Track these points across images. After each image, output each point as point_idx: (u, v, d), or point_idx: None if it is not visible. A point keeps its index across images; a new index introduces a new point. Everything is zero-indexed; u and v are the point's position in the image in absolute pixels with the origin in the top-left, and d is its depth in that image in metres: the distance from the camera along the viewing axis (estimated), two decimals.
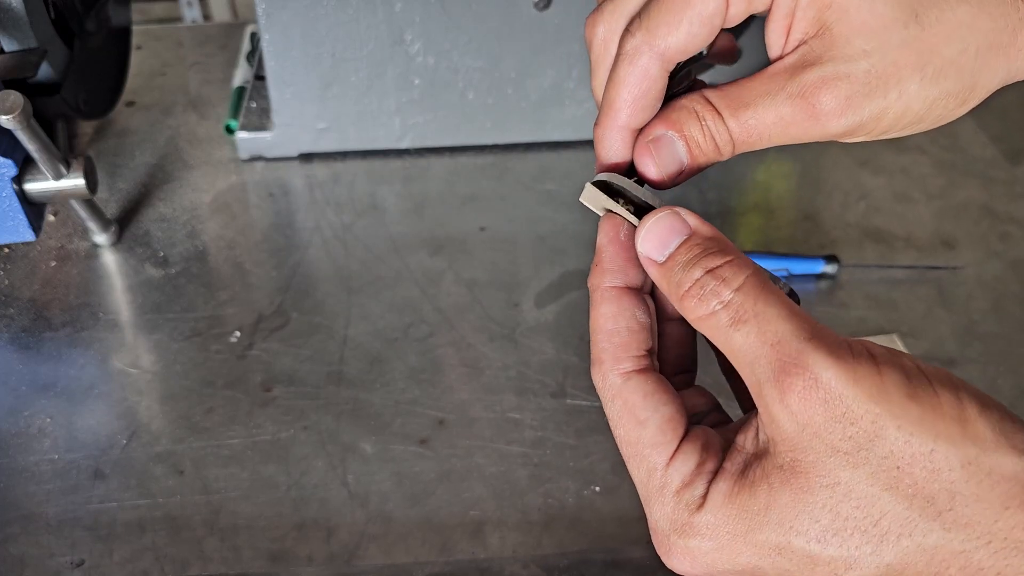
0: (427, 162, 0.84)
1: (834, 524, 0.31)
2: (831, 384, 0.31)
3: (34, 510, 0.56)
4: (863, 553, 0.31)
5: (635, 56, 0.36)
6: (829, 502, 0.31)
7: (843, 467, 0.31)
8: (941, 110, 0.35)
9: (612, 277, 0.36)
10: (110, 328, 0.68)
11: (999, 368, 0.64)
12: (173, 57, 0.98)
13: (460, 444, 0.60)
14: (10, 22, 0.65)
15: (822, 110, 0.34)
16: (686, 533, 0.34)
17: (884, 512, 0.31)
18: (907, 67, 0.34)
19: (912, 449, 0.30)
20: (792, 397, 0.31)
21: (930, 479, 0.30)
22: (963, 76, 0.35)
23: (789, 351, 0.31)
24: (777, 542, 0.32)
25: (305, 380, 0.64)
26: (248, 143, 0.83)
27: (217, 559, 0.54)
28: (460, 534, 0.55)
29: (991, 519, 0.30)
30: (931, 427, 0.30)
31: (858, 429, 0.31)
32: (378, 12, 0.76)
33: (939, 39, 0.34)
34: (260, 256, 0.74)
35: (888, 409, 0.30)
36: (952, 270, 0.72)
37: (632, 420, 0.35)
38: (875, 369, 0.31)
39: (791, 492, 0.32)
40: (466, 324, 0.68)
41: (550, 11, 0.77)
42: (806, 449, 0.31)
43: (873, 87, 0.34)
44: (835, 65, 0.34)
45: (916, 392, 0.30)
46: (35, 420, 0.62)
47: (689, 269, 0.34)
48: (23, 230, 0.66)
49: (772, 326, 0.32)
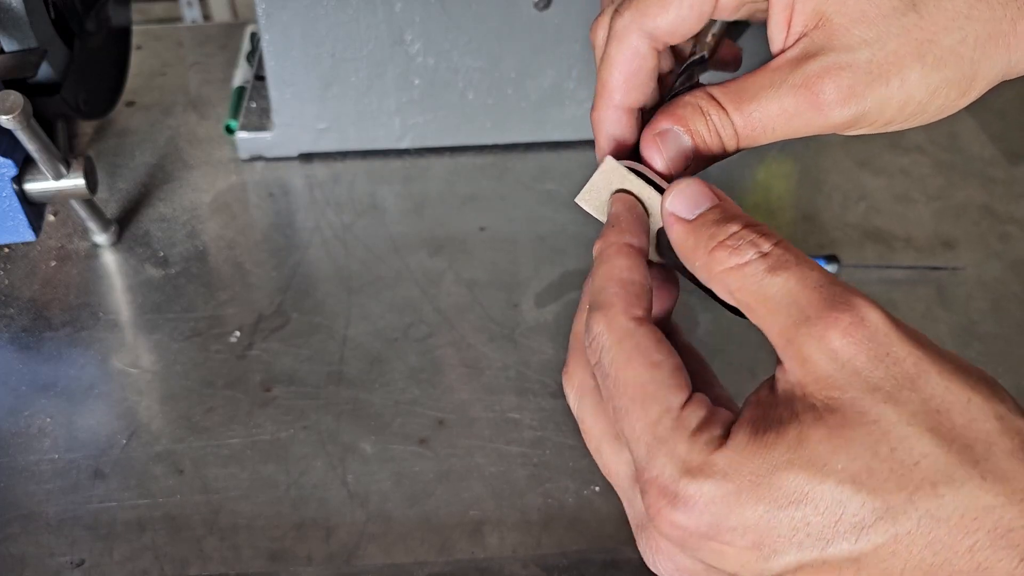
0: (427, 162, 0.84)
1: (871, 463, 0.29)
2: (876, 323, 0.30)
3: (34, 509, 0.56)
4: (897, 501, 0.29)
5: (624, 35, 0.37)
6: (868, 439, 0.30)
7: (884, 404, 0.30)
8: (943, 100, 0.36)
9: (630, 237, 0.36)
10: (110, 328, 0.68)
11: (999, 368, 0.64)
12: (173, 57, 0.98)
13: (460, 444, 0.60)
14: (10, 22, 0.65)
15: (825, 100, 0.34)
16: (701, 474, 0.31)
17: (924, 454, 0.29)
18: (908, 56, 0.34)
19: (951, 396, 0.30)
20: (835, 333, 0.30)
21: (968, 426, 0.30)
22: (963, 65, 0.35)
23: (834, 292, 0.31)
24: (805, 486, 0.30)
25: (305, 380, 0.64)
26: (248, 143, 0.83)
27: (217, 558, 0.54)
28: (459, 534, 0.55)
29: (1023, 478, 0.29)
30: (966, 380, 0.30)
31: (901, 369, 0.30)
32: (378, 12, 0.76)
33: (938, 28, 0.34)
34: (260, 256, 0.74)
35: (928, 355, 0.30)
36: (952, 270, 0.72)
37: (645, 361, 0.33)
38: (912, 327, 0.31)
39: (827, 429, 0.30)
40: (466, 324, 0.68)
41: (550, 11, 0.77)
42: (844, 387, 0.30)
43: (875, 76, 0.34)
44: (836, 55, 0.34)
45: (947, 353, 0.31)
46: (35, 420, 0.62)
47: (724, 224, 0.33)
48: (23, 230, 0.67)
49: (812, 274, 0.31)
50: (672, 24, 0.37)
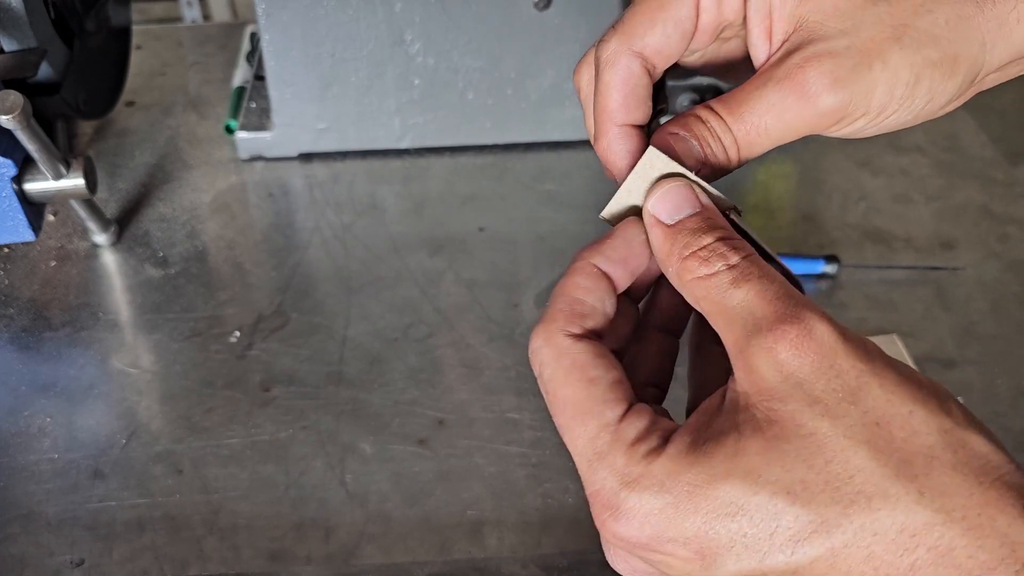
0: (427, 162, 0.84)
1: (805, 476, 0.30)
2: (823, 337, 0.31)
3: (34, 509, 0.56)
4: (831, 515, 0.29)
5: (616, 59, 0.38)
6: (803, 452, 0.30)
7: (822, 418, 0.30)
8: (928, 81, 0.36)
9: (603, 261, 0.36)
10: (110, 328, 0.68)
11: (998, 369, 0.64)
12: (173, 57, 0.98)
13: (459, 444, 0.60)
14: (10, 22, 0.65)
15: (811, 88, 0.35)
16: (639, 485, 0.31)
17: (859, 468, 0.29)
18: (885, 39, 0.35)
19: (893, 408, 0.30)
20: (783, 345, 0.31)
21: (908, 440, 0.30)
22: (941, 44, 0.35)
23: (787, 306, 0.31)
24: (740, 497, 0.30)
25: (304, 380, 0.64)
26: (248, 143, 0.83)
27: (216, 558, 0.54)
28: (459, 534, 0.55)
29: (966, 492, 0.29)
30: (911, 393, 0.30)
31: (842, 382, 0.30)
32: (378, 12, 0.76)
33: (908, 13, 0.35)
34: (260, 256, 0.74)
35: (872, 368, 0.30)
36: (951, 271, 0.72)
37: (582, 378, 0.33)
38: (861, 339, 0.31)
39: (763, 440, 0.30)
40: (466, 324, 0.68)
41: (550, 11, 0.77)
42: (785, 398, 0.31)
43: (856, 60, 0.35)
44: (816, 46, 0.35)
45: (897, 366, 0.31)
46: (35, 420, 0.62)
47: (699, 235, 0.34)
48: (23, 230, 0.67)
49: (773, 287, 0.32)
50: (659, 43, 0.38)
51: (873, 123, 0.37)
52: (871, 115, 0.36)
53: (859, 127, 0.37)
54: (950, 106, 0.38)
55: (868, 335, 0.69)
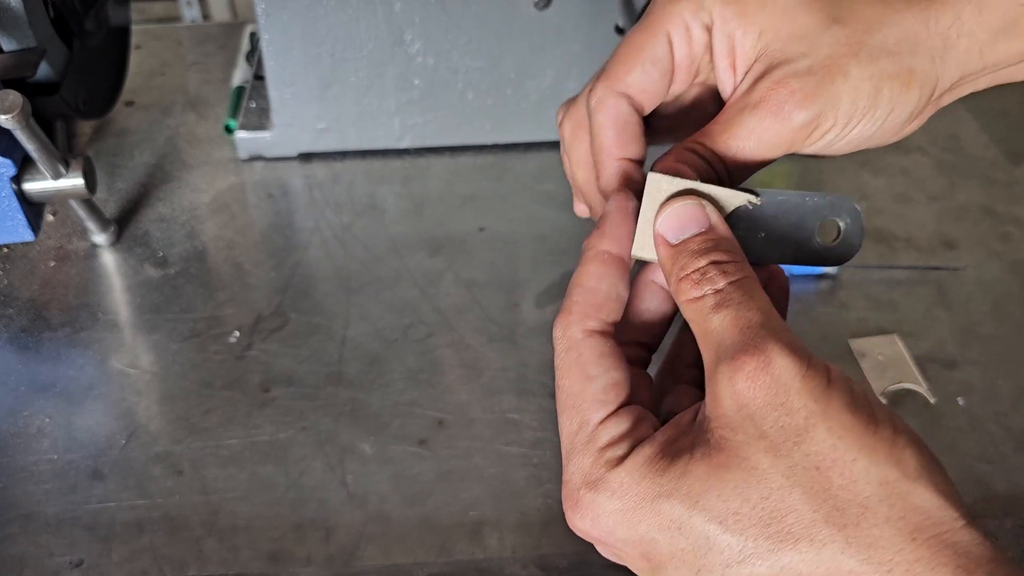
0: (427, 162, 0.84)
1: (739, 509, 0.31)
2: (780, 372, 0.31)
3: (33, 510, 0.56)
4: (759, 548, 0.31)
5: (603, 102, 0.40)
6: (741, 485, 0.31)
7: (764, 453, 0.31)
8: (888, 91, 0.38)
9: (611, 243, 0.37)
10: (109, 328, 0.68)
11: (999, 369, 0.64)
12: (172, 57, 0.98)
13: (459, 445, 0.60)
14: (9, 21, 0.65)
15: (784, 107, 0.38)
16: (596, 487, 0.34)
17: (791, 509, 0.31)
18: (842, 56, 0.38)
19: (836, 454, 0.31)
20: (741, 375, 0.32)
21: (845, 488, 0.30)
22: (894, 58, 0.38)
23: (754, 336, 0.32)
24: (680, 516, 0.32)
25: (304, 381, 0.64)
26: (247, 143, 0.83)
27: (215, 559, 0.54)
28: (459, 534, 0.55)
29: (896, 546, 0.30)
30: (860, 439, 0.31)
31: (791, 420, 0.31)
32: (378, 12, 0.76)
33: (861, 32, 0.38)
34: (259, 256, 0.74)
35: (824, 410, 0.31)
36: (952, 271, 0.72)
37: (581, 374, 0.36)
38: (825, 377, 0.32)
39: (708, 467, 0.32)
40: (465, 325, 0.68)
41: (550, 11, 0.77)
42: (736, 429, 0.32)
43: (820, 77, 0.38)
44: (781, 69, 0.38)
45: (855, 408, 0.31)
46: (34, 420, 0.62)
47: (696, 257, 0.35)
48: (22, 230, 0.66)
49: (748, 314, 0.33)
50: (641, 82, 0.40)
51: (842, 134, 0.39)
52: (839, 125, 0.38)
53: (830, 139, 0.39)
54: (913, 122, 0.41)
55: (868, 335, 0.69)
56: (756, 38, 0.39)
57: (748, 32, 0.39)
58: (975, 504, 0.56)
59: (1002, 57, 0.40)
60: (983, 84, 0.42)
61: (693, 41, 0.40)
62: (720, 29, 0.40)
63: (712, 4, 0.39)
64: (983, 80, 0.41)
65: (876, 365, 0.64)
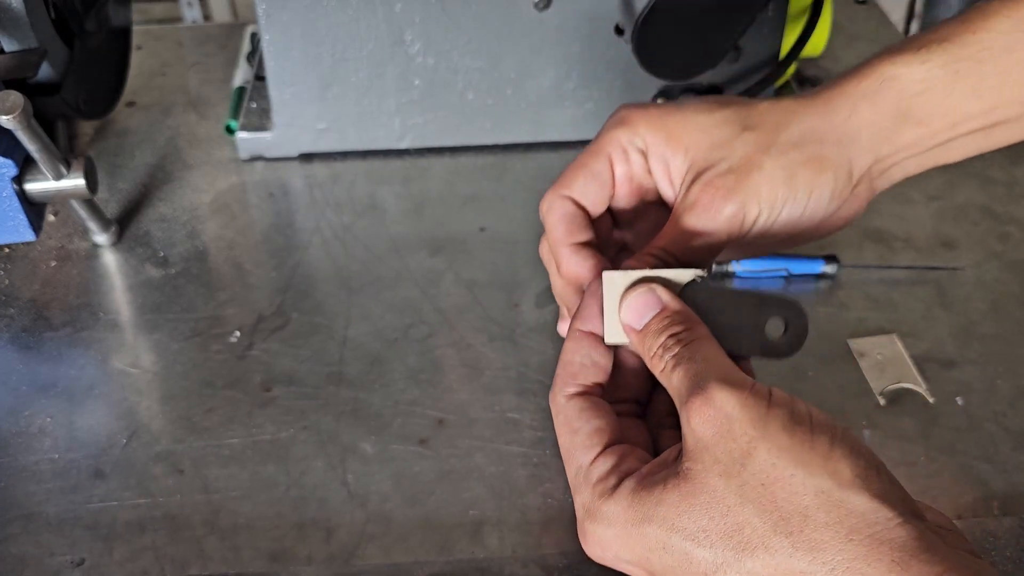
0: (427, 162, 0.84)
1: (707, 527, 0.36)
2: (722, 405, 0.37)
3: (34, 509, 0.56)
4: (728, 558, 0.36)
5: (552, 204, 0.48)
6: (705, 506, 0.36)
7: (719, 477, 0.36)
8: (801, 176, 0.45)
9: (583, 323, 0.44)
10: (110, 328, 0.68)
11: (998, 368, 0.64)
12: (173, 57, 0.98)
13: (460, 444, 0.60)
14: (10, 22, 0.65)
15: (713, 205, 0.44)
16: (594, 518, 0.39)
17: (747, 522, 0.36)
18: (755, 154, 0.45)
19: (776, 471, 0.36)
20: (694, 414, 0.38)
21: (788, 500, 0.35)
22: (801, 149, 0.45)
23: (700, 382, 0.38)
24: (662, 537, 0.37)
25: (305, 380, 0.64)
26: (248, 143, 0.83)
27: (217, 558, 0.54)
28: (459, 534, 0.55)
29: (836, 547, 0.34)
30: (796, 456, 0.36)
31: (736, 446, 0.36)
32: (378, 12, 0.76)
33: (769, 132, 0.45)
34: (260, 256, 0.75)
35: (763, 434, 0.36)
36: (951, 271, 0.72)
37: (568, 429, 0.42)
38: (764, 405, 0.37)
39: (679, 494, 0.37)
40: (466, 324, 0.68)
41: (550, 11, 0.77)
42: (696, 459, 0.37)
43: (738, 175, 0.44)
44: (706, 175, 0.45)
45: (793, 428, 0.36)
46: (35, 420, 0.62)
47: (657, 336, 0.42)
48: (23, 230, 0.67)
49: (696, 366, 0.39)
50: (583, 188, 0.48)
51: (771, 219, 0.45)
52: (764, 212, 0.45)
53: (762, 225, 0.45)
54: (848, 205, 0.47)
55: (868, 335, 0.69)
56: (684, 155, 0.46)
57: (676, 151, 0.46)
58: (973, 503, 0.56)
59: (913, 141, 0.46)
60: (914, 167, 0.48)
61: (631, 162, 0.48)
62: (654, 153, 0.47)
63: (644, 132, 0.47)
64: (912, 162, 0.47)
65: (875, 365, 0.64)
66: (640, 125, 0.47)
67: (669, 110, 0.47)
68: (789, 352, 0.43)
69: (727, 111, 0.46)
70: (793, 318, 0.43)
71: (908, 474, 0.57)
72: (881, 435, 0.60)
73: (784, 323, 0.43)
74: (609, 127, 0.48)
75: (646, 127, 0.47)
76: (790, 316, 0.43)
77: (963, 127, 0.46)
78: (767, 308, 0.43)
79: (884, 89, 0.45)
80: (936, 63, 0.45)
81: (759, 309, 0.43)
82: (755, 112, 0.46)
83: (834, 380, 0.63)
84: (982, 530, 0.54)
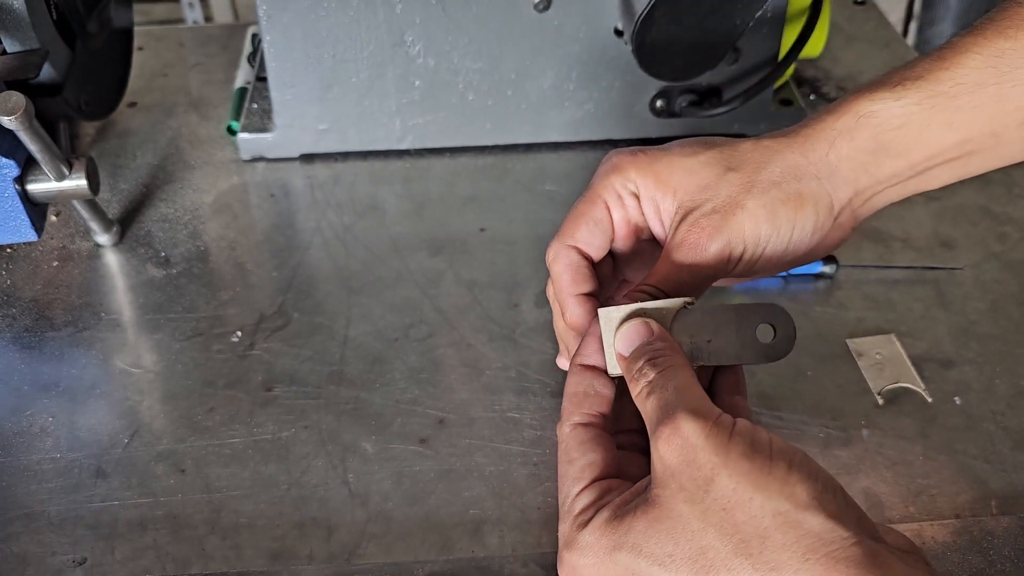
0: (427, 163, 0.84)
1: (672, 551, 0.38)
2: (688, 434, 0.39)
3: (36, 509, 0.56)
4: None
5: (558, 254, 0.51)
6: (671, 531, 0.38)
7: (684, 502, 0.38)
8: (783, 213, 0.47)
9: (583, 359, 0.47)
10: (112, 328, 0.68)
11: (996, 368, 0.64)
12: (175, 58, 0.98)
13: (460, 443, 0.60)
14: (12, 23, 0.65)
15: (699, 244, 0.47)
16: (571, 548, 0.42)
17: (710, 546, 0.37)
18: (738, 194, 0.48)
19: (736, 496, 0.37)
20: (661, 442, 0.39)
21: (747, 523, 0.37)
22: (782, 187, 0.47)
23: (669, 412, 0.40)
24: (630, 563, 0.39)
25: (306, 380, 0.64)
26: (249, 144, 0.84)
27: (218, 557, 0.54)
28: (460, 533, 0.55)
29: (793, 567, 0.36)
30: (755, 481, 0.37)
31: (700, 473, 0.38)
32: (379, 14, 0.76)
33: (751, 172, 0.48)
34: (261, 256, 0.75)
35: (724, 461, 0.38)
36: (950, 271, 0.72)
37: (566, 458, 0.45)
38: (727, 434, 0.39)
39: (646, 520, 0.39)
40: (466, 324, 0.68)
41: (550, 13, 0.77)
42: (663, 485, 0.39)
43: (723, 214, 0.47)
44: (693, 215, 0.48)
45: (752, 455, 0.38)
46: (37, 419, 0.62)
47: (637, 360, 0.44)
48: (25, 230, 0.67)
49: (667, 395, 0.41)
50: (585, 236, 0.51)
51: (755, 255, 0.48)
52: (750, 248, 0.48)
53: (748, 260, 0.48)
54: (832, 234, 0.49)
55: (867, 335, 0.69)
56: (672, 197, 0.49)
57: (665, 194, 0.49)
58: (971, 502, 0.56)
59: (892, 173, 0.48)
60: (895, 195, 0.50)
61: (626, 206, 0.51)
62: (644, 195, 0.50)
63: (635, 176, 0.50)
64: (893, 192, 0.50)
65: (874, 364, 0.64)
66: (631, 170, 0.50)
67: (657, 155, 0.50)
68: (783, 353, 0.46)
69: (711, 153, 0.49)
70: (779, 322, 0.46)
71: (906, 473, 0.58)
72: (880, 435, 0.60)
73: (772, 328, 0.46)
74: (603, 174, 0.51)
75: (636, 172, 0.50)
76: (776, 320, 0.46)
77: (939, 158, 0.49)
78: (753, 317, 0.46)
79: (861, 126, 0.47)
80: (912, 99, 0.47)
81: (746, 319, 0.46)
82: (737, 152, 0.49)
83: (833, 380, 0.63)
84: (980, 529, 0.54)
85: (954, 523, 0.55)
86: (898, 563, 0.36)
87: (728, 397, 0.49)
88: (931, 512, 0.55)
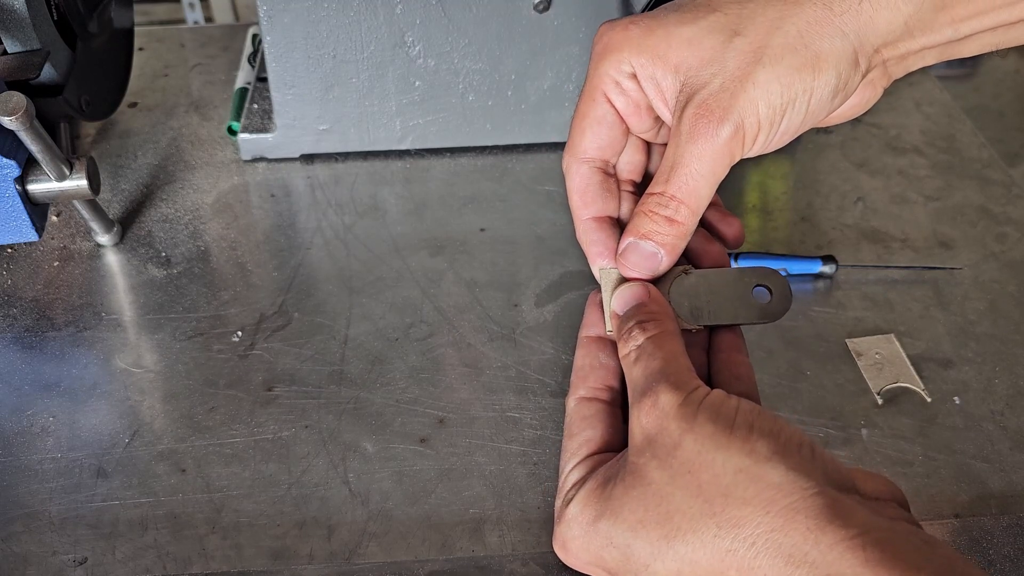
0: (427, 163, 0.84)
1: (643, 516, 0.38)
2: (664, 404, 0.40)
3: (37, 508, 0.57)
4: (661, 547, 0.38)
5: (568, 170, 0.49)
6: (643, 497, 0.39)
7: (655, 468, 0.39)
8: (800, 82, 0.42)
9: (587, 331, 0.48)
10: (113, 328, 0.69)
11: (995, 368, 0.64)
12: (175, 59, 0.98)
13: (460, 443, 0.60)
14: (13, 23, 0.66)
15: (709, 128, 0.42)
16: (561, 521, 0.42)
17: (677, 509, 0.38)
18: (747, 64, 0.42)
19: (700, 457, 0.38)
20: (643, 411, 0.40)
21: (711, 483, 0.37)
22: (797, 52, 0.41)
23: (651, 381, 0.41)
24: (610, 531, 0.39)
25: (306, 379, 0.64)
26: (250, 144, 0.84)
27: (219, 557, 0.54)
28: (460, 532, 0.55)
29: (755, 521, 0.36)
30: (718, 441, 0.38)
31: (669, 439, 0.39)
32: (379, 14, 0.76)
33: (762, 36, 0.42)
34: (262, 256, 0.75)
35: (691, 426, 0.39)
36: (949, 271, 0.72)
37: (568, 433, 0.45)
38: (697, 403, 0.39)
39: (623, 487, 0.40)
40: (466, 324, 0.68)
41: (550, 13, 0.77)
42: (640, 453, 0.40)
43: (732, 91, 0.42)
44: (698, 96, 0.43)
45: (716, 419, 0.39)
46: (38, 419, 0.62)
47: (627, 321, 0.44)
48: (26, 230, 0.67)
49: (653, 364, 0.41)
50: (595, 143, 0.48)
51: (773, 132, 0.43)
52: (765, 126, 0.43)
53: (764, 140, 0.43)
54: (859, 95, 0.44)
55: (865, 335, 0.69)
56: (674, 74, 0.44)
57: (666, 71, 0.44)
58: (971, 502, 0.56)
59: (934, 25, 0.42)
60: (932, 57, 0.44)
61: (627, 91, 0.46)
62: (643, 75, 0.45)
63: (630, 55, 0.44)
64: (930, 54, 0.44)
65: (873, 364, 0.64)
66: (624, 50, 0.45)
67: (652, 26, 0.44)
68: (780, 312, 0.47)
69: (714, 17, 0.43)
70: (774, 284, 0.47)
71: (906, 473, 0.58)
72: (879, 434, 0.60)
73: (768, 290, 0.47)
74: (596, 59, 0.46)
75: (630, 51, 0.44)
76: (771, 282, 0.47)
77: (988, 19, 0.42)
78: (750, 279, 0.47)
79: None
80: None
81: (743, 281, 0.47)
82: (746, 11, 0.42)
83: (832, 379, 0.64)
84: (980, 529, 0.54)
85: (954, 523, 0.55)
86: (861, 510, 0.36)
87: (727, 354, 0.48)
88: (931, 512, 0.56)
